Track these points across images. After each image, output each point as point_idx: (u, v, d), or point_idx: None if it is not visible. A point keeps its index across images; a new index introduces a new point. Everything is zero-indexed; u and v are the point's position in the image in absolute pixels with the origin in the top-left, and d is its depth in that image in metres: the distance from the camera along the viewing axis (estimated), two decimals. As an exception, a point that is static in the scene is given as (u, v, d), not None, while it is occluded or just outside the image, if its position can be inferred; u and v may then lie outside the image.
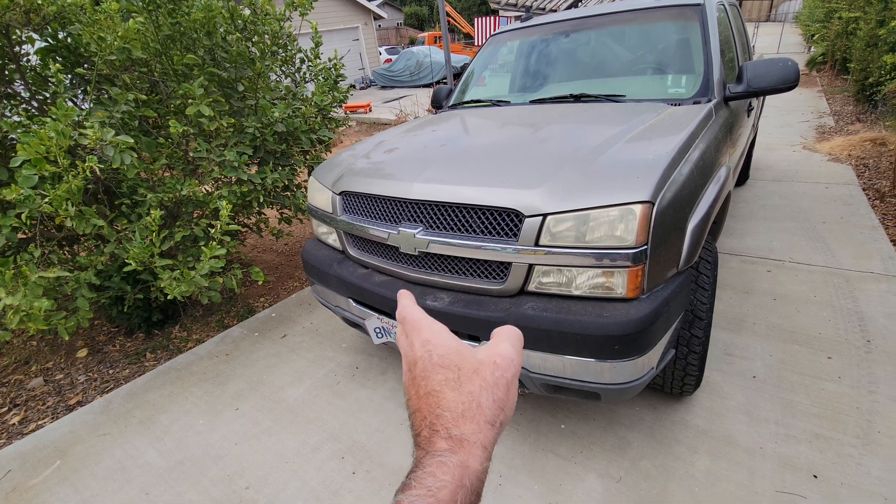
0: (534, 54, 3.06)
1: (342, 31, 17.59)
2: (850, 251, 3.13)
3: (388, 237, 1.76)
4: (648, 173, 1.44)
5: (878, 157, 4.91)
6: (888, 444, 1.74)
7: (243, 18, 2.91)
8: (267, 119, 2.85)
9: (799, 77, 2.13)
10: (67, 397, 2.59)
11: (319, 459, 1.98)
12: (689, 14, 2.48)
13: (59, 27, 2.42)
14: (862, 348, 2.24)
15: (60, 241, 2.65)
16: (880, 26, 5.72)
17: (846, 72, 8.62)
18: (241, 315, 3.25)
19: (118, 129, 2.28)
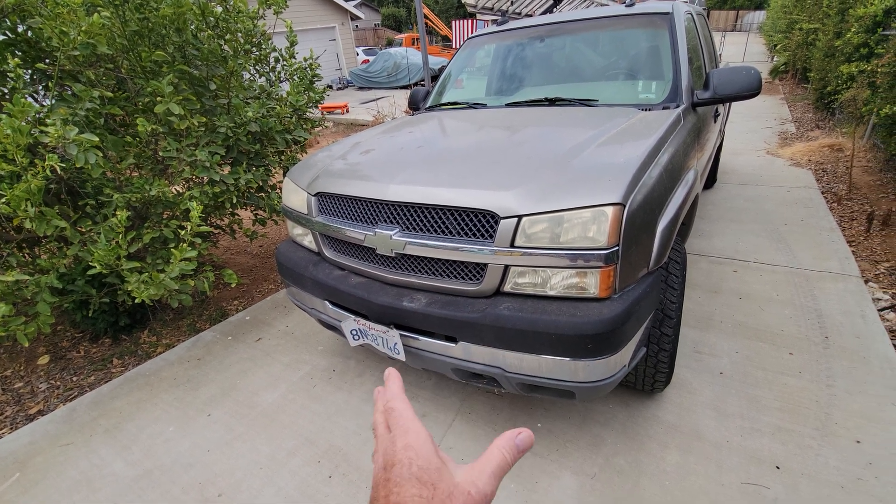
0: (510, 58, 3.09)
1: (318, 31, 17.38)
2: (810, 252, 3.28)
3: (365, 239, 1.76)
4: (620, 176, 1.48)
5: (835, 163, 5.17)
6: (844, 436, 1.84)
7: (215, 15, 2.85)
8: (240, 118, 2.80)
9: (761, 85, 2.22)
10: (27, 406, 2.48)
11: (295, 464, 1.95)
12: (658, 22, 2.56)
13: (19, 20, 2.32)
14: (820, 344, 2.35)
15: (20, 244, 2.53)
16: (837, 38, 6.02)
17: (806, 80, 9.04)
18: (213, 319, 3.17)
19: (82, 127, 2.19)
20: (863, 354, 2.25)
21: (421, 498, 0.36)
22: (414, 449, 0.40)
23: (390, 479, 0.38)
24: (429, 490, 0.37)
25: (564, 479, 1.78)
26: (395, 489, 0.37)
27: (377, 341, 1.81)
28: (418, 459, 0.39)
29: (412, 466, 0.38)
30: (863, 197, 4.17)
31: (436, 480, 0.38)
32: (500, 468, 0.41)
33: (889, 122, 4.06)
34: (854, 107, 4.72)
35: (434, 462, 0.39)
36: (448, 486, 0.38)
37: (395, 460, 0.39)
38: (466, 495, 0.38)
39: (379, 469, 0.40)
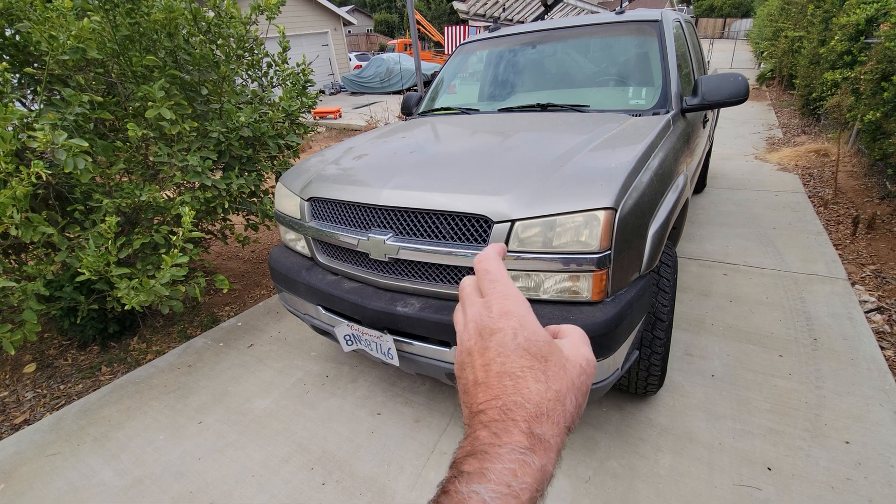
0: (502, 64, 3.12)
1: (311, 36, 17.39)
2: (798, 255, 3.33)
3: (358, 243, 1.75)
4: (611, 181, 1.49)
5: (821, 167, 5.26)
6: (834, 436, 1.86)
7: (207, 20, 2.84)
8: (232, 123, 2.78)
9: (748, 91, 2.26)
10: (13, 416, 2.43)
11: (288, 471, 1.93)
12: (647, 30, 2.59)
13: (7, 24, 2.29)
14: (809, 346, 2.38)
15: (6, 250, 2.49)
16: (822, 45, 6.15)
17: (792, 87, 9.21)
18: (204, 325, 3.14)
19: (71, 132, 2.17)
20: (850, 356, 2.28)
21: (532, 369, 0.34)
22: (516, 318, 0.36)
23: (489, 348, 0.35)
24: (540, 363, 0.34)
25: (558, 482, 1.78)
26: (499, 359, 0.34)
27: (371, 346, 1.81)
28: (523, 330, 0.35)
29: (517, 336, 0.35)
30: (848, 201, 4.24)
31: (546, 353, 0.35)
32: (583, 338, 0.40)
33: (872, 128, 4.14)
34: (839, 113, 4.81)
35: (542, 334, 0.36)
36: (559, 359, 0.35)
37: (493, 328, 0.36)
38: (580, 367, 0.36)
39: (471, 336, 0.37)
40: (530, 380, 0.33)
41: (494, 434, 0.31)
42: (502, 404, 0.32)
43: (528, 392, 0.32)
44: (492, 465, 0.29)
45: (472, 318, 0.38)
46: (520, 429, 0.31)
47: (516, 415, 0.32)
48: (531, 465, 0.30)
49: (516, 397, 0.32)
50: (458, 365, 0.38)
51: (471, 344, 0.37)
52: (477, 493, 0.28)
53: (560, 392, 0.33)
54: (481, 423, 0.32)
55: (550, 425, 0.32)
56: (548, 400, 0.33)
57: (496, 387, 0.33)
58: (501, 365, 0.34)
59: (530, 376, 0.33)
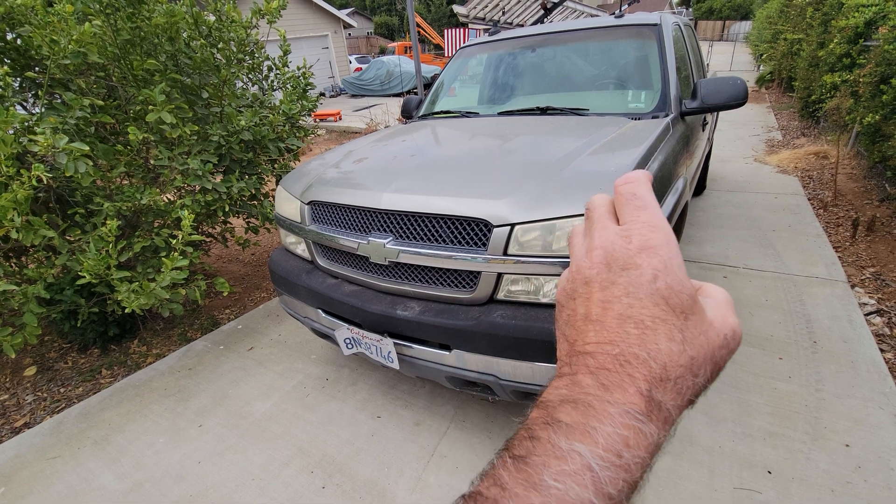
0: (502, 67, 3.13)
1: (311, 39, 17.44)
2: (798, 257, 3.34)
3: (358, 247, 1.76)
4: (611, 184, 1.49)
5: (821, 170, 5.27)
6: (834, 439, 1.86)
7: (208, 25, 2.85)
8: (233, 127, 2.79)
9: (747, 95, 2.27)
10: (13, 419, 2.43)
11: (288, 475, 1.93)
12: (646, 33, 2.60)
13: (8, 28, 2.30)
14: (809, 349, 2.39)
15: (6, 253, 2.49)
16: (821, 48, 6.16)
17: (792, 89, 9.23)
18: (204, 328, 3.14)
19: (72, 136, 2.18)
20: (850, 358, 2.28)
21: (665, 323, 0.28)
22: (661, 258, 0.29)
23: (616, 284, 0.29)
24: (678, 318, 0.28)
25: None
26: (626, 299, 0.28)
27: (371, 350, 1.81)
28: (667, 274, 0.29)
29: (657, 280, 0.28)
30: (848, 203, 4.25)
31: (688, 309, 0.28)
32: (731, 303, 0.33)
33: (871, 131, 4.15)
34: (838, 115, 4.82)
35: (687, 285, 0.29)
36: (701, 321, 0.29)
37: (628, 262, 0.29)
38: (723, 338, 0.30)
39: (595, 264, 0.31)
40: (661, 335, 0.27)
41: (603, 385, 0.26)
42: (619, 353, 0.27)
43: (657, 348, 0.27)
44: (600, 426, 0.25)
45: (602, 244, 0.31)
46: (637, 388, 0.26)
47: (635, 370, 0.26)
48: (647, 435, 0.25)
49: (639, 350, 0.27)
50: (565, 292, 0.32)
51: (591, 273, 0.30)
52: (581, 455, 0.24)
53: (695, 359, 0.28)
54: (587, 366, 0.27)
55: (674, 394, 0.27)
56: (679, 365, 0.27)
57: (615, 330, 0.28)
58: (628, 307, 0.28)
59: (662, 331, 0.27)
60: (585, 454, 0.24)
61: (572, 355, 0.29)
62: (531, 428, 0.27)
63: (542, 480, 0.24)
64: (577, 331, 0.30)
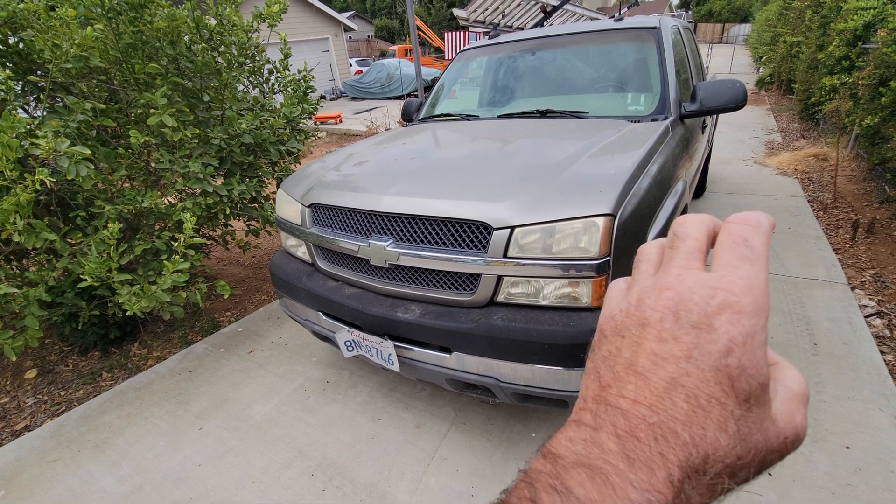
0: (502, 70, 3.14)
1: (312, 42, 17.49)
2: (798, 259, 3.34)
3: (359, 250, 1.76)
4: (610, 187, 1.50)
5: (820, 172, 5.27)
6: (834, 441, 1.86)
7: (209, 28, 2.86)
8: (234, 130, 2.80)
9: (746, 98, 2.28)
10: (13, 422, 2.43)
11: (288, 478, 1.93)
12: (646, 36, 2.61)
13: (10, 32, 2.32)
14: (809, 351, 2.39)
15: (8, 256, 2.50)
16: (820, 51, 6.18)
17: (791, 92, 9.24)
18: (205, 330, 3.15)
19: (74, 139, 2.19)
20: (851, 360, 2.28)
21: (723, 407, 0.23)
22: (744, 328, 0.23)
23: (679, 340, 0.24)
24: (739, 408, 0.23)
25: (559, 488, 1.78)
26: (684, 363, 0.23)
27: (371, 352, 1.81)
28: (744, 352, 0.23)
29: (730, 356, 0.23)
30: (848, 205, 4.25)
31: (755, 397, 0.23)
32: (806, 398, 0.27)
33: (871, 133, 4.16)
34: (837, 117, 4.83)
35: (763, 371, 0.24)
36: (761, 417, 0.24)
37: (703, 321, 0.24)
38: (782, 440, 0.24)
39: (662, 308, 0.25)
40: (713, 420, 0.22)
41: (628, 459, 0.22)
42: (657, 423, 0.23)
43: (702, 434, 0.22)
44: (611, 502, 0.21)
45: (678, 285, 0.25)
46: (668, 474, 0.22)
47: (671, 452, 0.22)
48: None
49: (682, 430, 0.22)
50: (615, 323, 0.27)
51: (654, 316, 0.25)
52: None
53: (742, 460, 0.23)
54: (614, 427, 0.23)
55: (704, 492, 0.22)
56: (722, 462, 0.22)
57: (659, 395, 0.23)
58: (684, 375, 0.23)
59: (715, 415, 0.23)
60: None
61: (599, 403, 0.25)
62: (534, 486, 0.23)
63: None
64: (614, 375, 0.25)
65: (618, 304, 0.28)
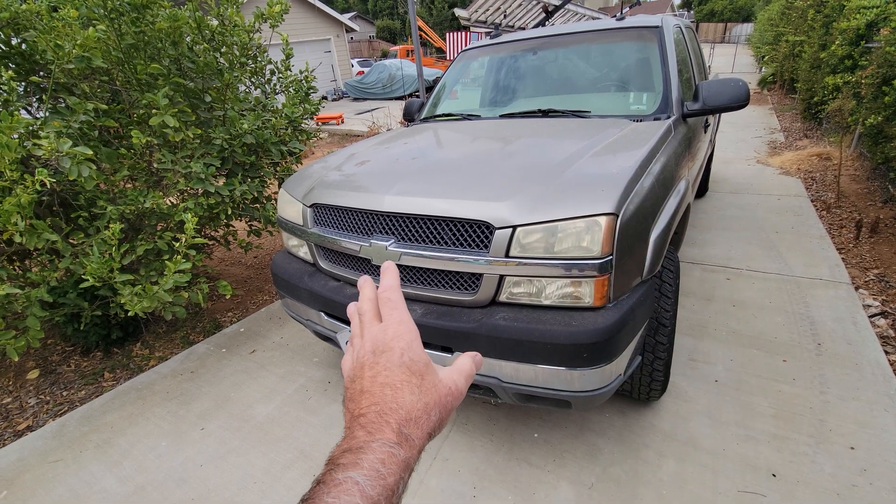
0: (503, 70, 3.14)
1: (314, 43, 17.52)
2: (801, 259, 3.32)
3: (360, 249, 1.76)
4: (612, 186, 1.50)
5: (824, 171, 5.25)
6: (839, 442, 1.84)
7: (211, 29, 2.87)
8: (235, 130, 2.80)
9: (749, 97, 2.27)
10: (16, 422, 2.43)
11: (290, 478, 1.93)
12: (648, 35, 2.61)
13: (13, 33, 2.32)
14: (813, 351, 2.37)
15: (10, 256, 2.50)
16: (822, 50, 6.16)
17: (794, 91, 9.21)
18: (207, 331, 3.15)
19: (76, 140, 2.19)
20: (855, 361, 2.27)
21: (410, 384, 0.40)
22: (405, 341, 0.43)
23: (378, 363, 0.42)
24: (417, 378, 0.41)
25: (562, 489, 1.77)
26: (385, 372, 0.41)
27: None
28: (409, 351, 0.42)
29: (403, 356, 0.42)
30: (851, 205, 4.23)
31: (423, 372, 0.42)
32: (470, 375, 0.46)
33: (874, 132, 4.14)
34: (840, 117, 4.81)
35: (423, 357, 0.43)
36: (433, 380, 0.42)
37: (385, 347, 0.43)
38: (448, 389, 0.43)
39: (366, 353, 0.43)
40: (406, 391, 0.40)
41: (369, 433, 0.37)
42: (380, 409, 0.38)
43: (403, 400, 0.39)
44: (365, 456, 0.35)
45: (370, 337, 0.44)
46: (391, 428, 0.37)
47: (390, 417, 0.38)
48: (397, 455, 0.36)
49: (392, 404, 0.39)
50: (350, 378, 0.43)
51: (365, 359, 0.43)
52: (351, 478, 0.33)
53: (428, 405, 0.40)
54: (360, 425, 0.38)
55: (416, 429, 0.38)
56: (417, 409, 0.39)
57: (378, 394, 0.39)
58: (386, 377, 0.40)
59: (406, 388, 0.40)
60: (354, 476, 0.33)
61: (352, 420, 0.39)
62: (319, 478, 0.35)
63: (323, 501, 0.32)
64: (356, 403, 0.40)
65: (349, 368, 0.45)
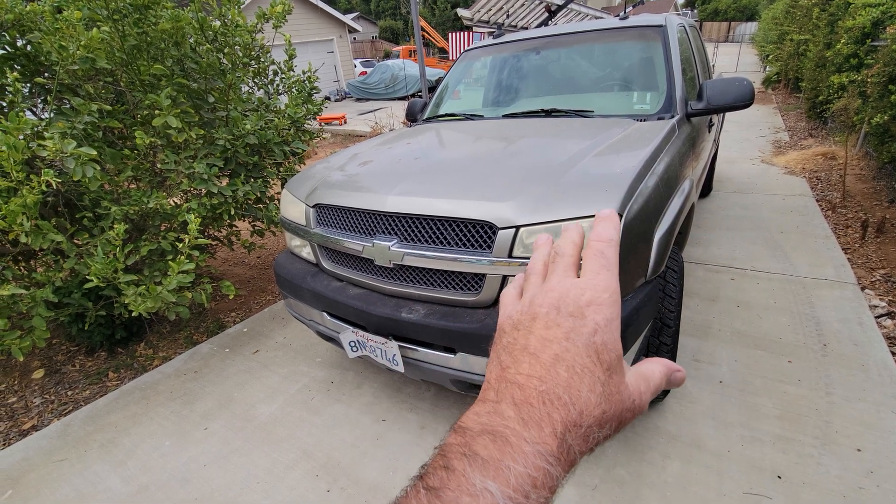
0: (506, 70, 3.13)
1: (317, 44, 17.56)
2: (806, 259, 3.30)
3: (363, 250, 1.76)
4: (616, 186, 1.49)
5: (829, 171, 5.22)
6: (845, 444, 1.83)
7: (213, 29, 2.87)
8: (238, 131, 2.81)
9: (754, 96, 2.25)
10: (21, 422, 2.45)
11: (293, 478, 1.93)
12: (651, 35, 2.59)
13: (18, 35, 2.33)
14: (819, 352, 2.35)
15: (16, 256, 2.52)
16: (828, 48, 6.12)
17: (799, 90, 9.16)
18: (210, 331, 3.15)
19: (80, 141, 2.20)
20: (861, 362, 2.25)
21: (593, 375, 0.30)
22: (605, 316, 0.32)
23: (560, 326, 0.32)
24: (602, 372, 0.31)
25: (565, 490, 1.76)
26: (565, 342, 0.31)
27: (375, 353, 1.81)
28: (606, 332, 0.32)
29: (596, 334, 0.32)
30: (857, 204, 4.20)
31: (613, 367, 0.32)
32: (657, 388, 0.35)
33: (880, 131, 4.11)
34: (846, 116, 4.78)
35: (618, 346, 0.33)
36: (619, 382, 0.32)
37: (577, 311, 0.32)
38: (631, 402, 0.32)
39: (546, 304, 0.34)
40: (586, 384, 0.30)
41: (523, 420, 0.28)
42: (545, 390, 0.29)
43: (578, 395, 0.29)
44: (514, 465, 0.27)
45: (559, 288, 0.34)
46: (554, 429, 0.28)
47: (556, 411, 0.29)
48: (553, 477, 0.27)
49: (564, 393, 0.29)
50: (511, 320, 0.35)
51: (541, 311, 0.34)
52: (492, 494, 0.25)
53: (606, 413, 0.30)
54: (512, 398, 0.30)
55: (582, 441, 0.29)
56: (593, 415, 0.30)
57: (547, 367, 0.30)
58: (564, 350, 0.31)
59: (587, 380, 0.30)
60: (496, 494, 0.25)
61: (501, 381, 0.32)
62: (447, 456, 0.28)
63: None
64: (513, 358, 0.32)
65: (513, 307, 0.37)
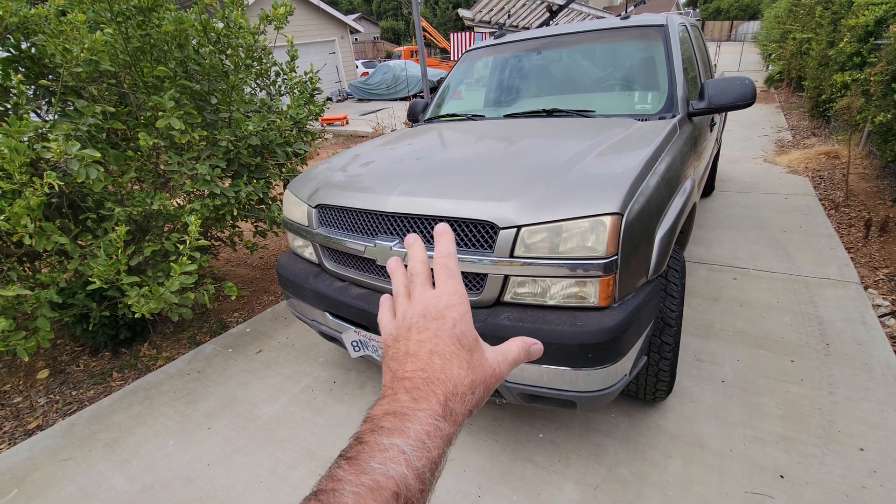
0: (507, 70, 3.13)
1: (318, 45, 17.59)
2: (809, 258, 3.29)
3: (365, 250, 1.76)
4: (617, 186, 1.49)
5: (832, 170, 5.20)
6: (848, 443, 1.83)
7: (216, 31, 2.89)
8: (241, 132, 2.82)
9: (756, 95, 2.25)
10: (26, 421, 2.46)
11: (296, 478, 1.94)
12: (653, 34, 2.59)
13: (22, 37, 2.35)
14: (822, 351, 2.35)
15: (20, 258, 2.53)
16: (830, 47, 6.10)
17: (801, 89, 9.13)
18: (213, 331, 3.17)
19: (84, 143, 2.21)
20: (864, 361, 2.24)
21: (459, 357, 0.40)
22: (459, 312, 0.42)
23: (429, 328, 0.41)
24: (465, 353, 0.40)
25: (567, 489, 1.77)
26: (435, 339, 0.40)
27: (378, 353, 1.81)
28: (462, 323, 0.41)
29: (456, 327, 0.41)
30: (860, 203, 4.19)
31: (472, 347, 0.41)
32: (515, 361, 0.45)
33: (883, 130, 4.09)
34: (849, 115, 4.76)
35: (473, 332, 0.42)
36: (480, 357, 0.41)
37: (438, 314, 0.41)
38: (492, 370, 0.42)
39: (415, 315, 0.42)
40: (454, 363, 0.39)
41: (415, 399, 0.36)
42: (427, 376, 0.38)
43: (451, 372, 0.38)
44: (411, 425, 0.34)
45: (422, 301, 0.43)
46: (437, 399, 0.37)
47: (437, 388, 0.37)
48: (442, 429, 0.36)
49: (440, 374, 0.38)
50: (393, 337, 0.43)
51: (413, 321, 0.42)
52: (397, 446, 0.33)
53: (475, 381, 0.40)
54: (405, 388, 0.38)
55: (460, 404, 0.38)
56: (464, 384, 0.39)
57: (425, 360, 0.39)
58: (435, 345, 0.40)
59: (455, 361, 0.39)
60: (401, 444, 0.33)
61: (394, 381, 0.39)
62: (360, 436, 0.35)
63: (369, 466, 0.32)
64: (399, 363, 0.40)
65: (391, 325, 0.45)
